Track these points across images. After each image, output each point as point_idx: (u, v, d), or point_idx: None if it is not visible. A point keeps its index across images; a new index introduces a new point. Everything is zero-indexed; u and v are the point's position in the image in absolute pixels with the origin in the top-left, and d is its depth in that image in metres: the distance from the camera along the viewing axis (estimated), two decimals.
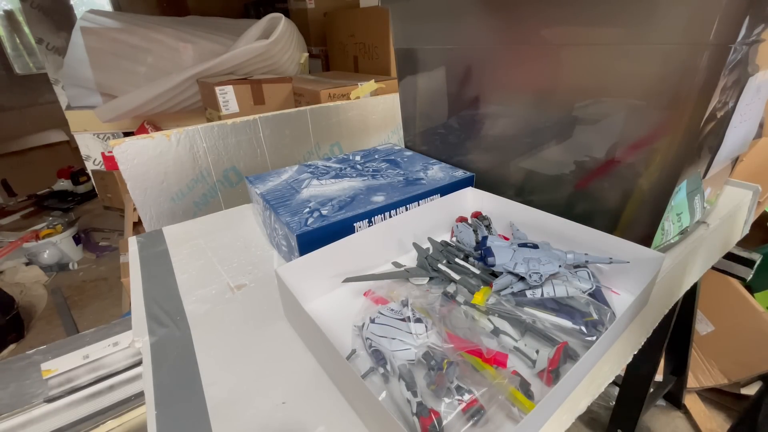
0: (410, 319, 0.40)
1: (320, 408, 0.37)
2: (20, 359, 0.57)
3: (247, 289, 0.54)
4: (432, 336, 0.39)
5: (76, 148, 2.06)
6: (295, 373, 0.41)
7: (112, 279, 2.00)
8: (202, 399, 0.38)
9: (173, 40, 1.73)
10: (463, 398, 0.34)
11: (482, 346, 0.38)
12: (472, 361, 0.38)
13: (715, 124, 0.45)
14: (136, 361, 0.58)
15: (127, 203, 1.57)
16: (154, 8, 2.88)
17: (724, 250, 0.72)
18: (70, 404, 0.52)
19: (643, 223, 0.51)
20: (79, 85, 1.80)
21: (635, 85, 0.46)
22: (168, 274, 0.57)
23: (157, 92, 1.59)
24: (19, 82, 2.84)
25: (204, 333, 0.46)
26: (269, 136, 0.91)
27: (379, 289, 0.48)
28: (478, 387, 0.35)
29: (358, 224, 0.56)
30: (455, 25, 0.63)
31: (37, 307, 1.82)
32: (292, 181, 0.66)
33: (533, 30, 0.53)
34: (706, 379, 1.21)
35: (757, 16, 0.38)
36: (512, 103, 0.61)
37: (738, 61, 0.40)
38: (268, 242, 0.64)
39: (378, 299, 0.47)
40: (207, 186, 0.86)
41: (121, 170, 0.74)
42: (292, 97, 1.43)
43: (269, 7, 2.18)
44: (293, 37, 1.74)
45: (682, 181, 0.47)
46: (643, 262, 0.45)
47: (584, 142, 0.53)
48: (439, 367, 0.35)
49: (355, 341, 0.42)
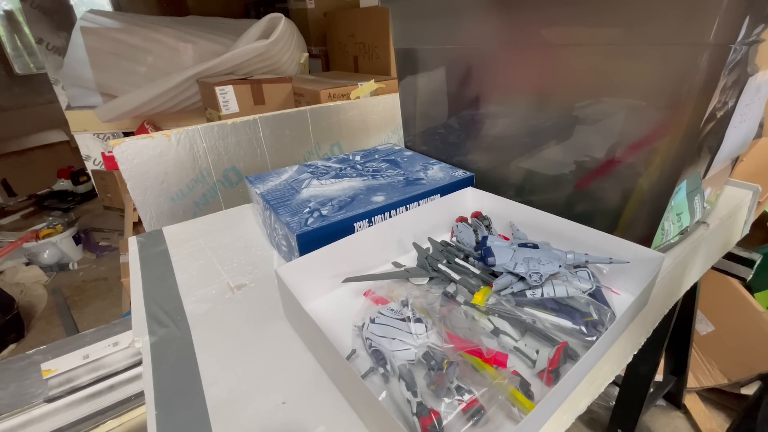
0: (410, 319, 0.40)
1: (320, 408, 0.37)
2: (20, 359, 0.57)
3: (247, 289, 0.54)
4: (432, 336, 0.39)
5: (76, 148, 2.06)
6: (295, 373, 0.41)
7: (112, 279, 2.00)
8: (202, 399, 0.38)
9: (173, 40, 1.72)
10: (463, 398, 0.34)
11: (482, 346, 0.38)
12: (472, 361, 0.38)
13: (715, 124, 0.45)
14: (136, 361, 0.58)
15: (127, 203, 1.57)
16: (154, 8, 2.88)
17: (724, 250, 0.72)
18: (70, 404, 0.52)
19: (643, 223, 0.51)
20: (79, 85, 1.80)
21: (635, 85, 0.46)
22: (168, 274, 0.57)
23: (157, 92, 1.59)
24: (19, 82, 2.84)
25: (204, 333, 0.46)
26: (269, 136, 0.91)
27: (380, 289, 0.48)
28: (479, 387, 0.35)
29: (358, 224, 0.56)
30: (455, 25, 0.63)
31: (37, 307, 1.82)
32: (292, 181, 0.66)
33: (533, 30, 0.53)
34: (706, 379, 1.21)
35: (756, 16, 0.38)
36: (512, 103, 0.61)
37: (738, 61, 0.40)
38: (268, 242, 0.64)
39: (378, 299, 0.47)
40: (207, 186, 0.86)
41: (121, 170, 0.74)
42: (292, 97, 1.43)
43: (269, 7, 2.18)
44: (293, 37, 1.74)
45: (682, 181, 0.47)
46: (643, 262, 0.45)
47: (584, 142, 0.53)
48: (439, 367, 0.35)
49: (355, 341, 0.42)
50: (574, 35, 0.49)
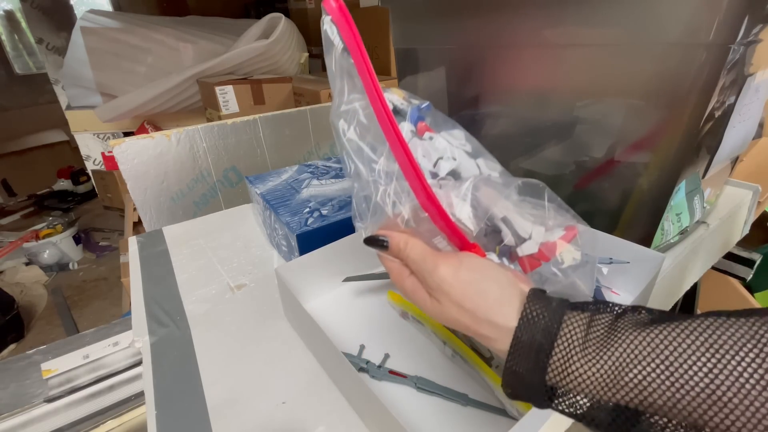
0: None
1: (320, 408, 0.37)
2: (20, 359, 0.57)
3: (247, 289, 0.54)
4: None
5: (76, 148, 2.06)
6: (295, 373, 0.41)
7: (112, 279, 2.00)
8: (202, 399, 0.38)
9: (173, 40, 1.72)
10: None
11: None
12: (472, 358, 0.38)
13: (714, 123, 0.45)
14: (136, 361, 0.58)
15: (127, 203, 1.57)
16: (154, 8, 2.88)
17: (724, 250, 0.72)
18: (70, 404, 0.52)
19: (643, 223, 0.51)
20: (79, 85, 1.80)
21: (635, 85, 0.46)
22: (168, 274, 0.57)
23: (157, 92, 1.59)
24: (19, 82, 2.84)
25: (204, 333, 0.46)
26: (269, 136, 0.91)
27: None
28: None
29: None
30: (455, 25, 0.63)
31: (37, 307, 1.82)
32: (292, 181, 0.66)
33: (533, 30, 0.53)
34: None
35: (755, 16, 0.38)
36: (512, 103, 0.61)
37: (736, 61, 0.40)
38: (268, 242, 0.64)
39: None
40: (207, 186, 0.86)
41: (121, 170, 0.74)
42: (292, 97, 1.43)
43: (269, 7, 2.17)
44: (293, 37, 1.74)
45: (682, 181, 0.47)
46: (643, 262, 0.45)
47: (584, 142, 0.53)
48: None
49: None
50: (574, 35, 0.49)
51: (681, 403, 0.18)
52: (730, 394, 0.17)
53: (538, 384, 0.23)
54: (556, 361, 0.22)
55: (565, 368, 0.22)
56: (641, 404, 0.20)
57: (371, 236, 0.30)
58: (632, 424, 0.20)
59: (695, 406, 0.18)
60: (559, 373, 0.22)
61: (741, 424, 0.17)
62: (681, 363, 0.19)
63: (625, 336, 0.21)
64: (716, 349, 0.18)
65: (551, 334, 0.23)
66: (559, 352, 0.22)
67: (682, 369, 0.18)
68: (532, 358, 0.23)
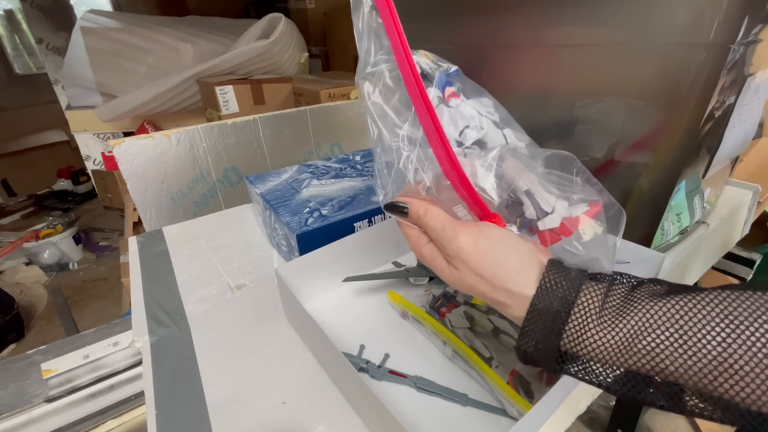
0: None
1: (320, 408, 0.37)
2: (20, 359, 0.57)
3: (247, 289, 0.54)
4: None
5: (76, 148, 2.06)
6: (295, 373, 0.41)
7: (112, 279, 2.00)
8: (202, 399, 0.38)
9: (173, 40, 1.72)
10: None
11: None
12: (472, 358, 0.38)
13: (714, 123, 0.45)
14: (136, 361, 0.58)
15: (127, 203, 1.57)
16: (154, 8, 2.88)
17: (724, 250, 0.72)
18: (70, 404, 0.52)
19: (643, 223, 0.51)
20: (79, 85, 1.80)
21: (635, 85, 0.46)
22: (168, 274, 0.57)
23: (157, 92, 1.59)
24: (19, 82, 2.83)
25: (204, 333, 0.46)
26: (269, 136, 0.91)
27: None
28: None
29: (358, 224, 0.56)
30: (455, 25, 0.63)
31: (37, 307, 1.81)
32: (292, 181, 0.66)
33: (534, 30, 0.53)
34: None
35: (755, 16, 0.38)
36: (512, 103, 0.61)
37: (736, 61, 0.40)
38: (268, 242, 0.64)
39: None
40: (207, 186, 0.86)
41: (121, 170, 0.74)
42: (292, 97, 1.43)
43: (269, 7, 2.17)
44: (293, 37, 1.74)
45: (682, 181, 0.47)
46: (643, 262, 0.45)
47: (584, 142, 0.53)
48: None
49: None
50: (574, 35, 0.49)
51: (693, 369, 0.19)
52: (742, 362, 0.18)
53: (552, 349, 0.23)
54: (571, 329, 0.22)
55: (580, 335, 0.22)
56: (653, 370, 0.20)
57: (391, 202, 0.30)
58: (641, 388, 0.21)
59: (706, 372, 0.18)
60: (573, 340, 0.22)
61: (750, 391, 0.17)
62: (696, 332, 0.19)
63: (642, 305, 0.21)
64: (731, 320, 0.19)
65: (569, 302, 0.23)
66: (576, 320, 0.22)
67: (696, 337, 0.19)
68: (548, 324, 0.23)
